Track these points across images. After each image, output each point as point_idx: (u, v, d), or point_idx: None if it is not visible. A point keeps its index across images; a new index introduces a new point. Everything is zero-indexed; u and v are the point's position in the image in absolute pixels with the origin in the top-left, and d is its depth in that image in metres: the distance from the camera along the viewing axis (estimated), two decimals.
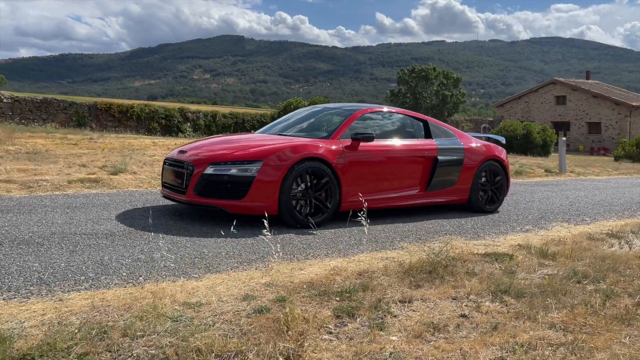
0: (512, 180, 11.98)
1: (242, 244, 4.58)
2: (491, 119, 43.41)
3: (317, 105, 7.11)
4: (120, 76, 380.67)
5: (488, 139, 7.85)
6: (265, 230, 3.91)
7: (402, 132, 6.70)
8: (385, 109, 6.74)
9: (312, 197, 5.40)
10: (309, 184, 5.36)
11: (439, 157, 6.47)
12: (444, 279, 3.82)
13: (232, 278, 3.61)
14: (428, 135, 6.69)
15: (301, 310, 2.99)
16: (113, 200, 6.40)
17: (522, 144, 25.60)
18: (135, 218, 5.41)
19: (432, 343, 2.73)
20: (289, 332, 2.65)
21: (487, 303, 3.42)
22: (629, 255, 4.74)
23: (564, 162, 15.02)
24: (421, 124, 6.77)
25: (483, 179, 7.07)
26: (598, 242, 5.35)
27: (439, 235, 5.43)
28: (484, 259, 4.47)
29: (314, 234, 5.12)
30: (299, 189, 5.33)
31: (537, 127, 26.86)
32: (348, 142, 5.77)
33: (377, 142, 6.00)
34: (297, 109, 19.77)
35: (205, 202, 5.19)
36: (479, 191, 7.05)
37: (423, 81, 42.87)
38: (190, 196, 5.23)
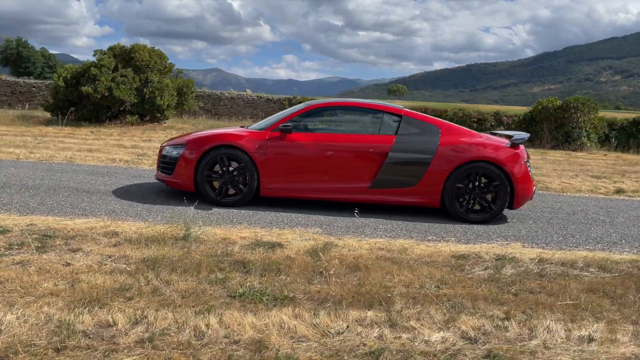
0: None
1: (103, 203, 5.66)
2: None
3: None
4: (518, 82, 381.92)
5: (507, 137, 6.23)
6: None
7: (361, 126, 6.38)
8: (351, 102, 6.60)
9: (229, 180, 6.17)
10: (224, 168, 6.15)
11: (390, 154, 6.00)
12: (150, 247, 4.25)
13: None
14: (397, 130, 6.16)
15: None
16: (118, 172, 7.97)
17: None
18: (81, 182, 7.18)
19: None
20: None
21: (118, 264, 3.87)
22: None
23: None
24: (396, 119, 6.25)
25: (467, 184, 5.93)
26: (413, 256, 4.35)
27: (294, 226, 5.24)
28: (249, 244, 4.51)
29: (208, 210, 5.75)
30: (219, 171, 6.17)
31: None
32: (277, 133, 6.19)
33: (311, 135, 6.11)
34: (543, 108, 17.57)
35: (160, 178, 6.69)
36: (459, 196, 5.96)
37: None
38: (157, 173, 6.83)
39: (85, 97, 14.44)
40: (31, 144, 10.63)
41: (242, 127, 6.83)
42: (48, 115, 16.01)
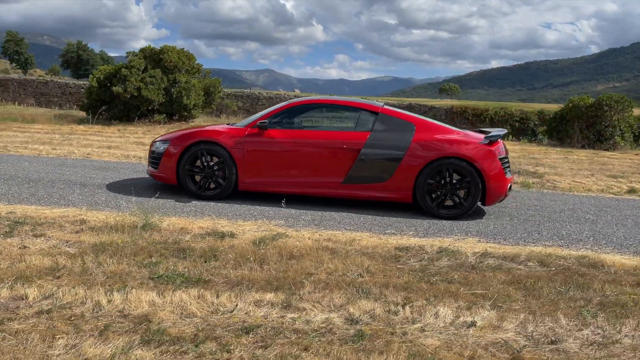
0: None
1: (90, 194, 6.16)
2: None
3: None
4: (581, 80, 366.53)
5: (485, 133, 6.17)
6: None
7: (338, 123, 6.50)
8: (330, 100, 6.90)
9: (209, 174, 6.45)
10: (205, 163, 6.45)
11: (363, 151, 6.11)
12: (107, 234, 4.58)
13: None
14: (372, 127, 6.24)
15: None
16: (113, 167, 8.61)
17: None
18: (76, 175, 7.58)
19: None
20: None
21: (69, 249, 4.21)
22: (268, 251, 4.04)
23: None
24: (373, 116, 6.34)
25: (439, 180, 5.93)
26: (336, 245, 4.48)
27: (259, 218, 5.41)
28: (203, 233, 4.75)
29: (186, 202, 6.04)
30: (200, 166, 6.47)
31: None
32: (255, 130, 6.42)
33: (286, 131, 6.29)
34: (574, 107, 16.90)
35: (149, 172, 7.03)
36: (431, 192, 5.98)
37: None
38: (148, 167, 7.19)
39: (116, 96, 15.21)
40: (57, 141, 11.34)
41: (228, 124, 7.10)
42: (83, 114, 16.96)
